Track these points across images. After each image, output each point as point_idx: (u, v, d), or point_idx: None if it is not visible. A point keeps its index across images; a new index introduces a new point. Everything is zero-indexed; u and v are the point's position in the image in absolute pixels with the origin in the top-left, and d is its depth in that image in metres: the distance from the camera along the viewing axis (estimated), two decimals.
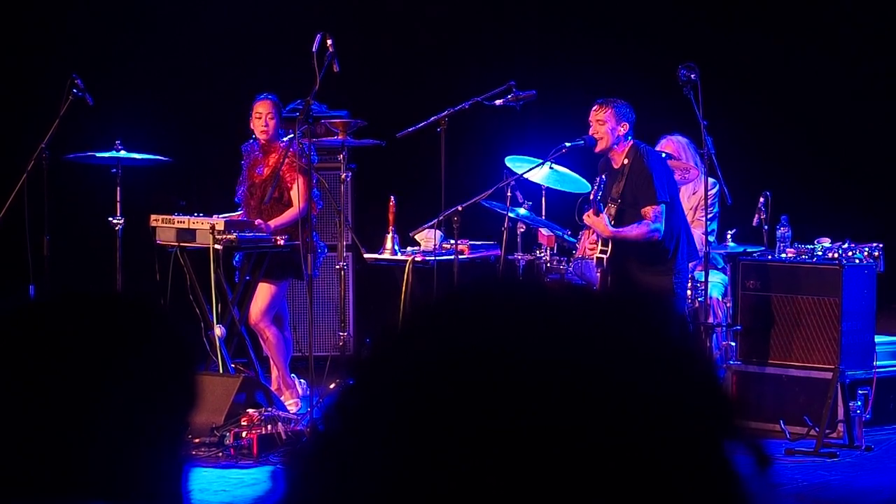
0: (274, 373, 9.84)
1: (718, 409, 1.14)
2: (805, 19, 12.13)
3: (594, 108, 9.16)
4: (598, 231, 9.01)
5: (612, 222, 9.03)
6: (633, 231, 8.99)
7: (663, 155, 9.53)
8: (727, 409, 1.14)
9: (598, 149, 9.16)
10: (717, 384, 1.15)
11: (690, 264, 9.32)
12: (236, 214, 9.69)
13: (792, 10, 12.19)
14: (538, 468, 1.07)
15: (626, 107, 9.13)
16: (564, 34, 12.37)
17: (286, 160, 9.41)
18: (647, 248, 9.01)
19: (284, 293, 9.72)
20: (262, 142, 9.61)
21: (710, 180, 9.55)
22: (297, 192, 9.46)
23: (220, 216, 9.52)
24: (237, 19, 12.41)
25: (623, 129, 9.07)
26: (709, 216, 9.57)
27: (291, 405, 9.52)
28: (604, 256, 9.01)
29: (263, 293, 9.58)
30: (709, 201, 9.61)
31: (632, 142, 9.15)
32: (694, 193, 10.01)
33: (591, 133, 9.16)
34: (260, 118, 9.55)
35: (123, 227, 9.47)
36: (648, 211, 9.02)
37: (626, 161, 9.10)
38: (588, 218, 9.03)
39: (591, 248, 9.19)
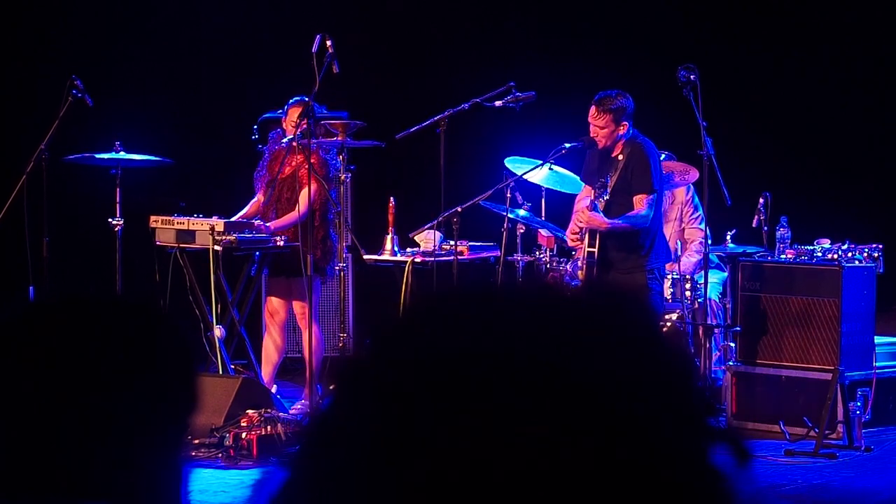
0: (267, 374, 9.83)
1: (696, 405, 1.14)
2: (804, 21, 12.14)
3: (592, 110, 9.07)
4: (593, 227, 8.96)
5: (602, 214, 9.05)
6: (627, 221, 8.97)
7: (662, 157, 9.53)
8: (704, 405, 1.15)
9: (599, 147, 9.14)
10: (693, 380, 1.16)
11: (668, 265, 9.33)
12: (254, 202, 9.70)
13: (791, 12, 12.20)
14: (521, 468, 1.07)
15: (625, 103, 9.01)
16: (564, 35, 12.37)
17: (306, 165, 9.36)
18: (625, 242, 9.00)
19: (317, 288, 9.73)
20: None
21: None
22: (304, 195, 9.45)
23: (240, 213, 9.57)
24: (237, 20, 12.41)
25: (622, 129, 9.02)
26: (700, 221, 9.74)
27: (299, 407, 9.51)
28: (594, 251, 8.98)
29: (301, 295, 9.58)
30: (689, 206, 9.84)
31: (632, 133, 9.10)
32: (673, 202, 10.06)
33: (591, 134, 9.14)
34: (295, 127, 9.47)
35: (123, 228, 9.47)
36: (642, 198, 8.98)
37: (622, 156, 9.04)
38: (583, 214, 8.98)
39: (572, 239, 9.15)
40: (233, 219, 9.51)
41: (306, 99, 9.51)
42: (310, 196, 9.45)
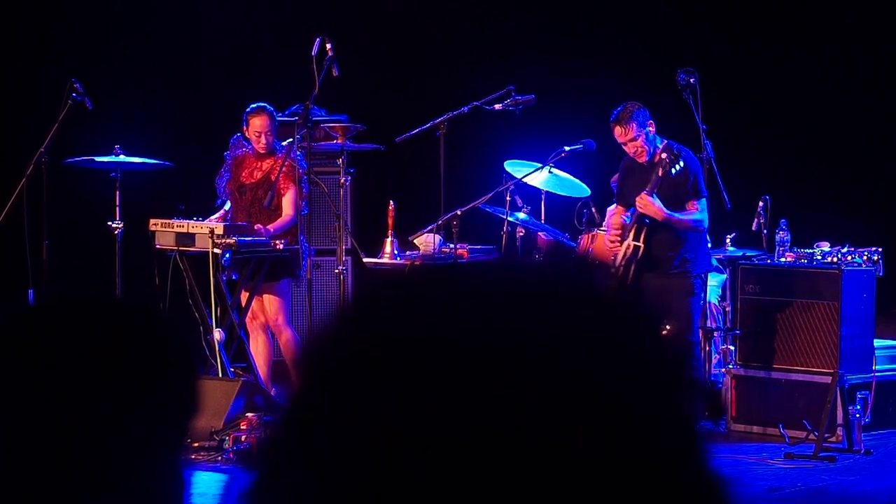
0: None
1: (668, 363, 1.15)
2: (804, 21, 12.14)
3: (616, 130, 8.88)
4: (649, 213, 8.86)
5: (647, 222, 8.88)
6: (684, 217, 8.89)
7: None
8: (678, 363, 1.15)
9: (643, 160, 8.93)
10: (662, 340, 1.16)
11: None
12: (222, 213, 9.68)
13: (791, 15, 12.20)
14: (521, 462, 1.07)
15: (639, 109, 8.89)
16: (564, 39, 12.37)
17: (283, 168, 9.42)
18: (673, 243, 8.90)
19: (289, 291, 9.73)
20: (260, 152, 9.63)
21: None
22: (289, 200, 9.49)
23: (214, 216, 9.55)
24: (236, 23, 12.41)
25: (651, 128, 8.89)
26: None
27: None
28: (640, 245, 8.86)
29: (271, 296, 9.61)
30: None
31: (665, 142, 9.00)
32: None
33: (630, 152, 8.92)
34: (259, 137, 9.51)
35: (123, 231, 9.46)
36: (694, 203, 8.92)
37: (664, 155, 8.87)
38: (641, 200, 8.83)
39: (613, 242, 9.02)
40: (210, 219, 9.50)
41: (265, 105, 9.52)
42: (299, 200, 9.47)
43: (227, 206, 9.72)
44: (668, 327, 1.19)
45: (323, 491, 1.10)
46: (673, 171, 8.80)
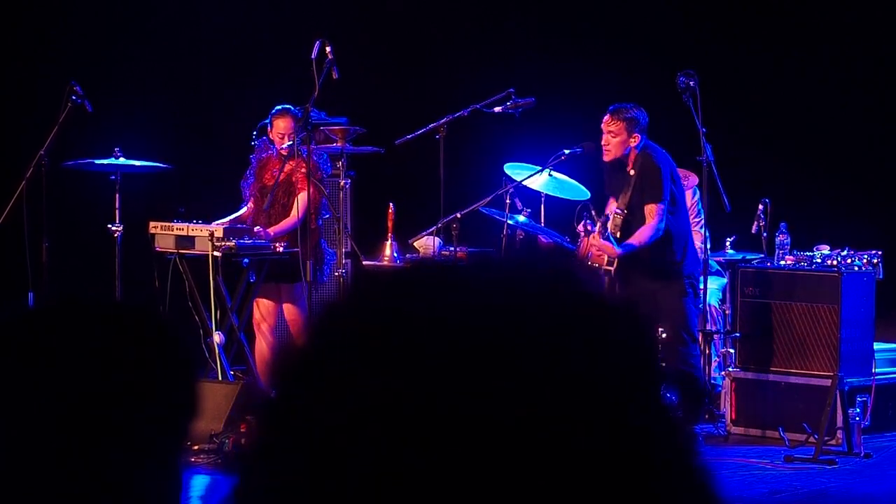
0: None
1: (641, 351, 1.14)
2: (804, 24, 12.13)
3: (606, 117, 8.96)
4: (606, 253, 8.90)
5: (619, 234, 8.89)
6: (637, 239, 8.88)
7: None
8: (650, 350, 1.15)
9: (606, 159, 9.03)
10: (638, 329, 1.15)
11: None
12: (243, 211, 9.70)
13: (791, 15, 12.20)
14: (520, 455, 1.07)
15: (638, 115, 8.92)
16: (564, 41, 12.37)
17: (300, 169, 9.40)
18: (658, 251, 8.90)
19: (303, 295, 9.73)
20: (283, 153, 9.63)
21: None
22: (298, 202, 9.48)
23: (228, 218, 9.57)
24: (236, 23, 12.41)
25: (634, 140, 8.90)
26: (700, 226, 9.68)
27: None
28: (611, 269, 8.89)
29: (288, 301, 9.62)
30: (693, 209, 9.75)
31: (640, 148, 8.99)
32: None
33: (602, 142, 9.01)
34: (283, 138, 9.52)
35: (122, 233, 9.46)
36: (652, 209, 8.90)
37: (633, 171, 8.94)
38: (594, 239, 8.88)
39: (598, 255, 9.06)
40: (221, 221, 9.51)
41: (290, 107, 9.53)
42: (308, 201, 9.46)
43: (244, 206, 9.75)
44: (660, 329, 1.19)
45: (321, 485, 1.10)
46: (607, 229, 8.79)
